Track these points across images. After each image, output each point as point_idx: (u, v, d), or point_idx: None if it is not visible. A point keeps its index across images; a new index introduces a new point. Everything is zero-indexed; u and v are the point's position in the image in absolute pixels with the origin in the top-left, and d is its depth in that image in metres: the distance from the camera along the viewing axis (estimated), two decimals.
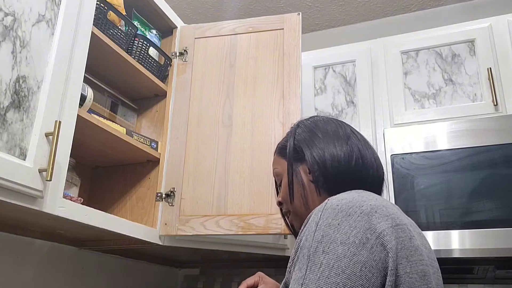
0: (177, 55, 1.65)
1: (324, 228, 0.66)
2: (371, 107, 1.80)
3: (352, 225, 0.66)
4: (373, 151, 0.89)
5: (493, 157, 1.47)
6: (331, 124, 0.91)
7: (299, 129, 0.92)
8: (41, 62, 1.02)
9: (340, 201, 0.70)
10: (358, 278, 0.62)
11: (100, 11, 1.31)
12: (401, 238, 0.67)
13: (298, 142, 0.89)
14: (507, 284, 1.72)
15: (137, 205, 1.51)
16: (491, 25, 1.71)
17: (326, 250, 0.64)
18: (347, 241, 0.64)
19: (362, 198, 0.71)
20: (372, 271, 0.63)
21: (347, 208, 0.68)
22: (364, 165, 0.85)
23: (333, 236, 0.65)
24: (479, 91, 1.66)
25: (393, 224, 0.68)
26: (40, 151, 0.98)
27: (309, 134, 0.89)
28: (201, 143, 1.50)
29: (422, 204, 1.50)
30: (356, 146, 0.86)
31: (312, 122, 0.92)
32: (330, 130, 0.89)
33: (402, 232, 0.68)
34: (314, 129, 0.90)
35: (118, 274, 1.74)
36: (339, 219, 0.66)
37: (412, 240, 0.69)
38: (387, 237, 0.65)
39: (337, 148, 0.85)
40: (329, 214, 0.68)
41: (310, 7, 2.34)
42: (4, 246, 1.28)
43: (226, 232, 1.37)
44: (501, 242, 1.38)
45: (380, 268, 0.63)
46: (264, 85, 1.52)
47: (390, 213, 0.70)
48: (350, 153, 0.84)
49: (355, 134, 0.89)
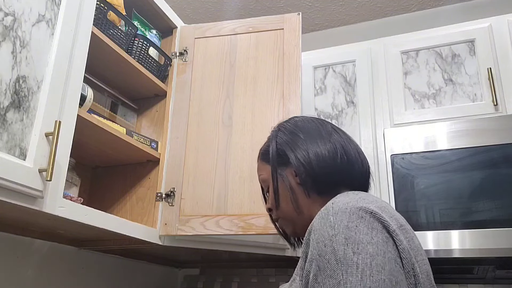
0: (177, 55, 1.65)
1: (344, 230, 0.63)
2: (371, 107, 1.80)
3: (369, 226, 0.64)
4: (355, 145, 0.87)
5: (493, 157, 1.47)
6: (311, 123, 0.89)
7: (280, 132, 0.90)
8: (41, 62, 1.02)
9: (346, 204, 0.68)
10: (397, 272, 0.62)
11: (100, 11, 1.31)
12: (407, 239, 0.68)
13: (280, 146, 0.88)
14: (507, 284, 1.72)
15: (137, 205, 1.51)
16: (491, 25, 1.71)
17: (356, 251, 0.61)
18: (372, 241, 0.62)
19: (364, 200, 0.70)
20: (404, 266, 0.64)
21: (357, 210, 0.66)
22: (349, 161, 0.84)
23: (358, 237, 0.62)
24: (479, 91, 1.66)
25: (398, 225, 0.68)
26: (40, 151, 0.98)
27: (291, 136, 0.87)
28: (201, 143, 1.50)
29: (422, 204, 1.50)
30: (338, 143, 0.85)
31: (292, 124, 0.90)
32: (311, 129, 0.87)
33: (406, 232, 0.69)
34: (295, 131, 0.88)
35: (118, 274, 1.74)
36: (354, 221, 0.64)
37: (413, 240, 0.70)
38: (399, 237, 0.66)
39: (321, 147, 0.83)
40: (342, 217, 0.65)
41: (310, 7, 2.34)
42: (4, 246, 1.28)
43: (226, 232, 1.37)
44: (501, 242, 1.38)
45: (405, 264, 0.65)
46: (264, 85, 1.52)
47: (393, 214, 0.70)
48: (334, 150, 0.83)
49: (336, 130, 0.88)
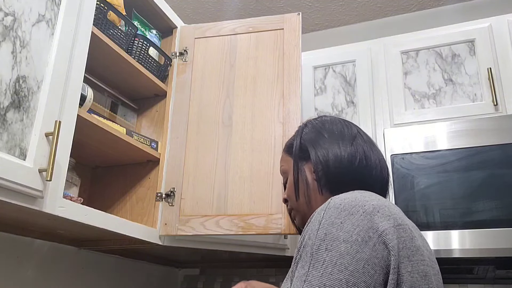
0: (177, 55, 1.65)
1: (327, 226, 0.67)
2: (371, 107, 1.80)
3: (355, 223, 0.66)
4: (378, 152, 0.90)
5: (493, 157, 1.47)
6: (338, 124, 0.92)
7: (306, 129, 0.94)
8: (41, 62, 1.02)
9: (343, 200, 0.71)
10: (361, 274, 0.63)
11: (100, 11, 1.31)
12: (403, 238, 0.68)
13: (304, 141, 0.91)
14: (507, 284, 1.73)
15: (137, 205, 1.51)
16: (491, 25, 1.71)
17: (329, 247, 0.65)
18: (349, 239, 0.65)
19: (365, 198, 0.72)
20: (375, 268, 0.63)
21: (350, 207, 0.69)
22: (368, 166, 0.86)
23: (336, 234, 0.66)
24: (479, 91, 1.66)
25: (395, 224, 0.69)
26: (40, 151, 0.98)
27: (315, 134, 0.91)
28: (201, 143, 1.50)
29: (422, 204, 1.50)
30: (361, 147, 0.87)
31: (319, 122, 0.94)
32: (336, 130, 0.90)
33: (403, 232, 0.69)
34: (320, 129, 0.92)
35: (118, 274, 1.74)
36: (342, 218, 0.67)
37: (413, 240, 0.70)
38: (389, 236, 0.66)
39: (341, 149, 0.86)
40: (332, 213, 0.69)
41: (310, 7, 2.34)
42: (4, 246, 1.28)
43: (226, 232, 1.37)
44: (501, 242, 1.38)
45: (383, 266, 0.64)
46: (264, 85, 1.52)
47: (392, 213, 0.71)
48: (354, 153, 0.86)
49: (361, 135, 0.91)
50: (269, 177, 1.39)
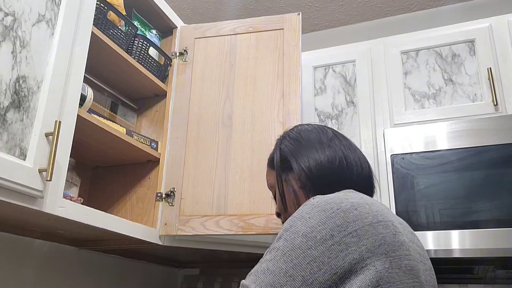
0: (177, 55, 1.65)
1: (295, 219, 0.71)
2: (371, 107, 1.80)
3: (322, 220, 0.69)
4: (356, 151, 0.93)
5: (493, 157, 1.47)
6: (314, 131, 0.95)
7: (284, 141, 0.97)
8: (41, 62, 1.02)
9: (321, 198, 0.73)
10: (302, 269, 0.65)
11: (100, 11, 1.31)
12: (381, 235, 0.69)
13: (284, 153, 0.94)
14: (507, 284, 1.72)
15: (137, 205, 1.51)
16: (491, 25, 1.71)
17: (287, 238, 0.69)
18: (309, 235, 0.68)
19: (346, 196, 0.74)
20: (320, 266, 0.65)
21: (324, 204, 0.71)
22: (349, 165, 0.88)
23: (299, 228, 0.69)
24: (479, 91, 1.66)
25: (374, 221, 0.70)
26: (40, 151, 0.98)
27: (294, 144, 0.94)
28: (201, 143, 1.50)
29: (422, 204, 1.50)
30: (338, 148, 0.91)
31: (296, 132, 0.97)
32: (312, 137, 0.94)
33: (383, 228, 0.70)
34: (298, 139, 0.95)
35: (118, 274, 1.74)
36: (311, 214, 0.70)
37: (396, 236, 0.71)
38: (356, 239, 0.67)
39: (319, 152, 0.90)
40: (305, 208, 0.72)
41: (310, 7, 2.34)
42: (4, 246, 1.28)
43: (226, 232, 1.37)
44: (501, 242, 1.38)
45: (333, 266, 0.65)
46: (264, 85, 1.52)
47: (373, 211, 0.72)
48: (333, 155, 0.89)
49: (337, 137, 0.94)
50: None
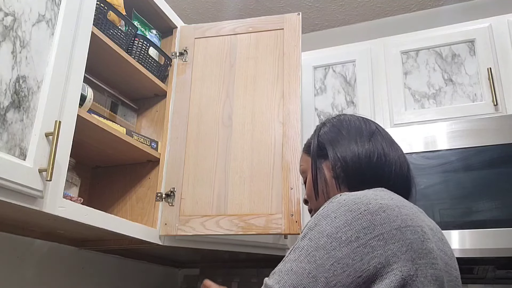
0: (177, 55, 1.65)
1: (320, 218, 0.69)
2: (371, 107, 1.80)
3: (348, 221, 0.66)
4: (398, 149, 0.89)
5: (493, 157, 1.47)
6: (356, 122, 0.91)
7: (324, 127, 0.93)
8: (41, 62, 1.02)
9: (349, 196, 0.70)
10: (325, 270, 0.64)
11: (100, 11, 1.31)
12: (409, 240, 0.66)
13: (322, 140, 0.91)
14: (507, 284, 1.72)
15: (137, 205, 1.51)
16: (491, 25, 1.71)
17: (312, 237, 0.67)
18: (334, 235, 0.65)
19: (375, 196, 0.70)
20: (345, 268, 0.63)
21: (352, 204, 0.68)
22: (387, 163, 0.84)
23: (324, 227, 0.67)
24: (479, 91, 1.66)
25: (402, 226, 0.67)
26: (40, 151, 0.98)
27: (333, 132, 0.91)
28: (201, 143, 1.50)
29: (422, 204, 1.50)
30: (379, 144, 0.86)
31: (337, 120, 0.93)
32: (353, 128, 0.90)
33: (411, 234, 0.67)
34: (338, 127, 0.91)
35: (118, 274, 1.74)
36: (338, 213, 0.67)
37: (424, 243, 0.68)
38: (383, 242, 0.64)
39: (359, 145, 0.86)
40: (332, 206, 0.69)
41: (310, 7, 2.34)
42: (4, 246, 1.28)
43: (226, 232, 1.37)
44: (501, 242, 1.38)
45: (357, 269, 0.63)
46: (264, 85, 1.52)
47: (402, 214, 0.69)
48: (372, 150, 0.85)
49: (380, 132, 0.90)
50: (269, 177, 1.39)
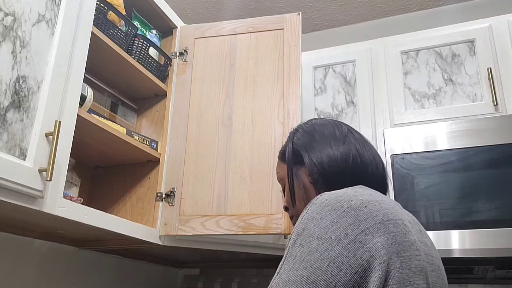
0: (177, 55, 1.65)
1: (306, 221, 0.68)
2: (371, 107, 1.80)
3: (334, 220, 0.66)
4: (371, 149, 0.90)
5: (493, 157, 1.47)
6: (328, 126, 0.92)
7: (297, 134, 0.94)
8: (41, 62, 1.02)
9: (330, 195, 0.71)
10: (323, 272, 0.63)
11: (100, 11, 1.31)
12: (392, 234, 0.67)
13: (296, 146, 0.92)
14: (507, 284, 1.72)
15: (137, 205, 1.51)
16: (491, 25, 1.71)
17: (302, 243, 0.66)
18: (323, 236, 0.65)
19: (355, 193, 0.71)
20: (341, 267, 0.63)
21: (335, 202, 0.69)
22: (363, 163, 0.86)
23: (312, 230, 0.67)
24: (479, 91, 1.66)
25: (384, 219, 0.68)
26: (40, 151, 0.98)
27: (307, 138, 0.91)
28: (201, 143, 1.50)
29: (422, 204, 1.50)
30: (353, 145, 0.87)
31: (309, 126, 0.94)
32: (327, 132, 0.91)
33: (394, 227, 0.68)
34: (311, 133, 0.92)
35: (118, 274, 1.74)
36: (323, 213, 0.68)
37: (407, 235, 0.69)
38: (370, 236, 0.65)
39: (333, 149, 0.87)
40: (315, 208, 0.69)
41: (310, 7, 2.34)
42: (4, 246, 1.28)
43: (226, 232, 1.37)
44: (501, 242, 1.38)
45: (352, 265, 0.63)
46: (264, 85, 1.52)
47: (383, 208, 0.70)
48: (347, 152, 0.86)
49: (352, 133, 0.91)
50: (269, 177, 1.39)
